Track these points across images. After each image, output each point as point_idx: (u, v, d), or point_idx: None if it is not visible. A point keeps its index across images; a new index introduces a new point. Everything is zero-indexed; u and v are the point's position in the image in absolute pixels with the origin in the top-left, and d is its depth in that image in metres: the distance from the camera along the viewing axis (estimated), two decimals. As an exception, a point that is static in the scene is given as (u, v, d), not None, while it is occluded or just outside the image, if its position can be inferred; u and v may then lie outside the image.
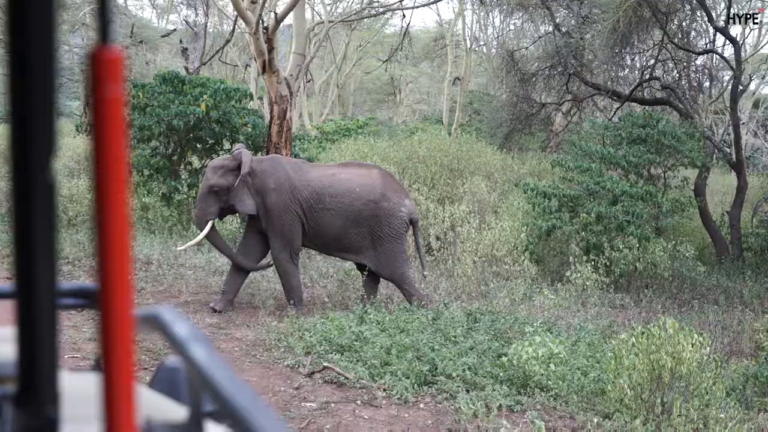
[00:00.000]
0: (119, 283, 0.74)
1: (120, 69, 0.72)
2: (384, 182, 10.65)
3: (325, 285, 11.91)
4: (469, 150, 18.98)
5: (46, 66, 0.75)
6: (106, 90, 0.72)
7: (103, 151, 0.72)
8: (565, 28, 20.60)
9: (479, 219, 14.31)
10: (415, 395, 7.45)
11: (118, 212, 0.73)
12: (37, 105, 0.76)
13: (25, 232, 0.82)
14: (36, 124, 0.77)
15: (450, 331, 9.06)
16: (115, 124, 0.72)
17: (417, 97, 48.61)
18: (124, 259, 0.74)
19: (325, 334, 8.83)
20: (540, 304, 10.77)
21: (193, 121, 15.87)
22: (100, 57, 0.71)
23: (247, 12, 15.35)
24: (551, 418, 6.97)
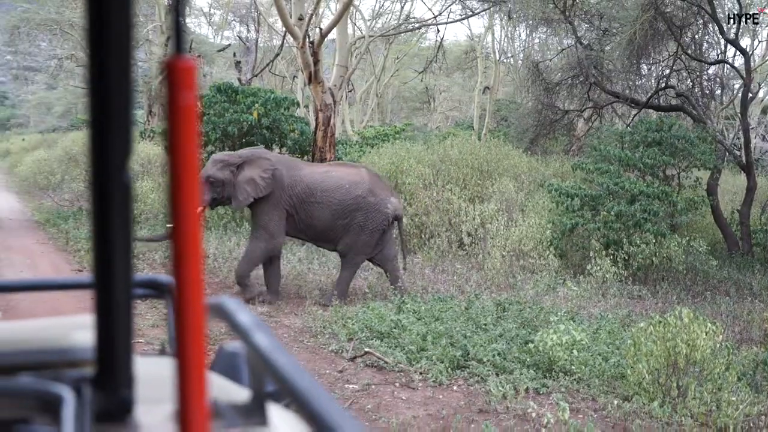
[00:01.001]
0: (193, 276, 0.74)
1: (193, 77, 0.73)
2: (371, 180, 10.66)
3: (366, 277, 11.91)
4: (497, 153, 18.90)
5: (123, 77, 0.76)
6: (180, 97, 0.72)
7: (178, 153, 0.72)
8: (587, 41, 20.44)
9: (507, 216, 14.26)
10: (449, 378, 7.45)
11: (191, 210, 0.73)
12: (115, 112, 0.77)
13: (104, 228, 0.83)
14: (114, 130, 0.78)
15: (481, 319, 9.05)
16: (188, 129, 0.72)
17: (449, 105, 48.50)
18: (196, 254, 0.74)
19: (366, 322, 8.85)
20: (563, 295, 10.71)
21: (245, 128, 15.98)
22: (174, 66, 0.72)
23: (295, 28, 15.42)
24: (575, 399, 6.94)
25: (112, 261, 0.85)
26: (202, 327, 0.76)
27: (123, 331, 0.91)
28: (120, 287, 0.87)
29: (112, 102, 0.77)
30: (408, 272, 12.20)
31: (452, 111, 48.48)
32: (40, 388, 0.95)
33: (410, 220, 15.07)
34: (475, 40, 38.51)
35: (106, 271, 0.86)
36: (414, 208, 15.46)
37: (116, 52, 0.76)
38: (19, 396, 0.96)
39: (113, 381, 0.94)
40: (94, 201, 0.82)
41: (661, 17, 15.85)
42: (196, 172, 0.73)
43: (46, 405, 0.95)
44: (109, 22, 0.74)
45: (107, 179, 0.80)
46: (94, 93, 0.77)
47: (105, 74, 0.76)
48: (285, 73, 36.32)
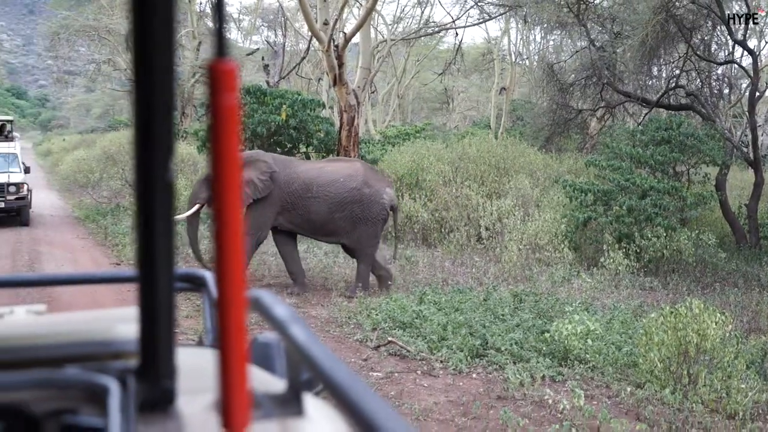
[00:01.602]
0: (235, 271, 0.74)
1: (235, 79, 0.72)
2: (365, 173, 10.62)
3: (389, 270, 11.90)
4: (513, 151, 18.86)
5: (166, 82, 0.75)
6: (223, 98, 0.71)
7: (220, 151, 0.72)
8: (599, 43, 20.32)
9: (523, 211, 14.22)
10: (469, 366, 7.43)
11: (233, 206, 0.73)
12: (158, 115, 0.77)
13: (148, 224, 0.83)
14: (157, 132, 0.78)
15: (498, 310, 9.03)
16: (231, 128, 0.72)
17: (467, 105, 48.38)
18: (238, 248, 0.74)
19: (389, 313, 8.85)
20: (578, 286, 10.65)
21: (273, 128, 16.01)
22: (217, 69, 0.71)
23: (321, 32, 15.43)
24: (589, 387, 6.91)
25: (155, 256, 0.86)
26: (243, 320, 0.76)
27: (165, 324, 0.92)
28: (163, 281, 0.88)
29: (156, 106, 0.77)
30: (429, 265, 12.21)
31: (470, 111, 48.34)
32: (87, 380, 0.96)
33: (430, 216, 15.06)
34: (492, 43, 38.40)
35: (149, 266, 0.86)
36: (434, 203, 15.45)
37: (159, 58, 0.76)
38: (66, 387, 0.96)
39: (156, 372, 0.95)
40: (138, 199, 0.82)
41: (672, 19, 15.72)
42: (238, 169, 0.73)
43: (92, 395, 0.95)
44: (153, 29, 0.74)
45: (151, 178, 0.80)
46: (138, 97, 0.77)
47: (149, 80, 0.76)
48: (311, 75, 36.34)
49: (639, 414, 6.31)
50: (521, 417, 6.04)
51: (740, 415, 6.20)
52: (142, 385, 0.95)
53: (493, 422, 6.05)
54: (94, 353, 1.06)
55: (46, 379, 0.96)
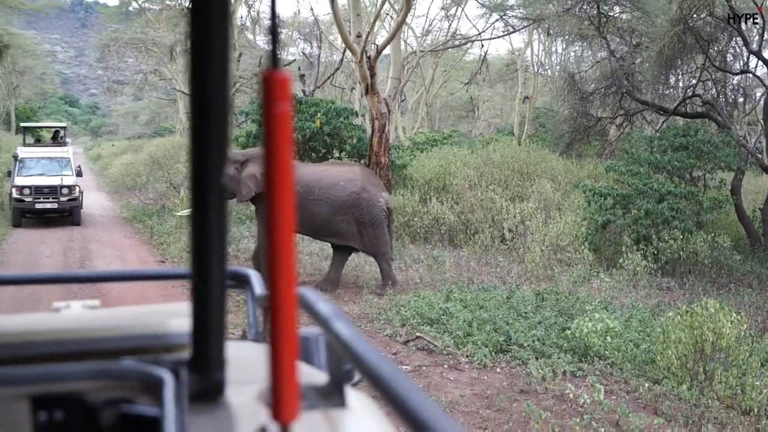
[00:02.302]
0: (286, 270, 0.74)
1: (288, 89, 0.72)
2: (364, 177, 10.58)
3: (417, 269, 11.89)
4: (536, 157, 18.75)
5: (221, 91, 0.76)
6: (276, 106, 0.71)
7: (274, 156, 0.72)
8: (619, 54, 20.17)
9: (545, 214, 14.13)
10: (493, 361, 7.40)
11: (286, 209, 0.73)
12: (214, 123, 0.78)
13: (202, 225, 0.84)
14: (213, 138, 0.78)
15: (521, 308, 8.98)
16: (284, 135, 0.72)
17: (492, 113, 48.23)
18: (289, 250, 0.73)
19: (417, 309, 8.83)
20: (597, 286, 10.55)
21: (309, 135, 16.06)
22: (271, 78, 0.71)
23: (354, 45, 15.46)
24: (608, 382, 6.84)
25: (208, 255, 0.86)
26: (294, 317, 0.75)
27: (217, 319, 0.92)
28: (215, 279, 0.88)
29: (211, 116, 0.77)
30: (455, 265, 12.17)
31: (494, 118, 48.19)
32: (143, 371, 0.96)
33: (457, 218, 15.02)
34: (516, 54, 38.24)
35: (202, 264, 0.87)
36: (460, 206, 15.40)
37: (215, 72, 0.76)
38: (123, 378, 0.97)
39: (207, 364, 0.95)
40: (193, 201, 0.82)
41: (689, 31, 15.54)
42: (290, 173, 0.73)
43: (148, 386, 0.95)
44: (209, 43, 0.74)
45: (206, 182, 0.81)
46: (195, 108, 0.77)
47: (205, 91, 0.76)
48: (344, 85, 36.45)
49: (657, 409, 6.24)
50: (543, 410, 5.99)
51: (755, 411, 6.11)
52: (193, 376, 0.96)
53: (516, 414, 6.01)
54: (147, 346, 1.06)
55: (103, 370, 0.96)
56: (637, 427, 5.59)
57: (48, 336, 1.04)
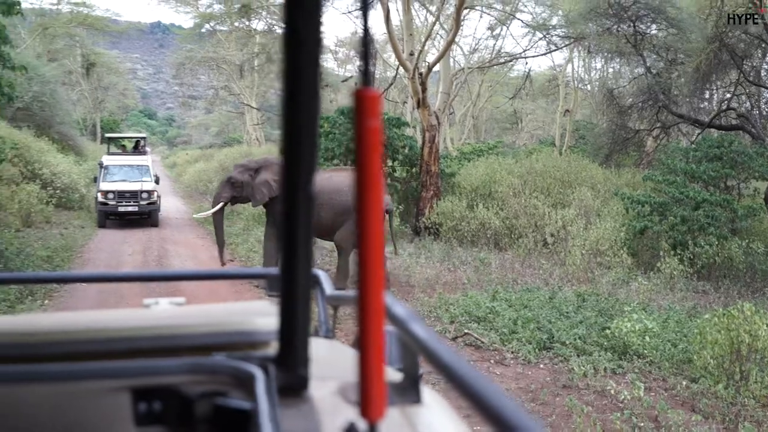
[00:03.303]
0: (375, 277, 0.72)
1: (378, 105, 0.71)
2: None
3: (465, 270, 11.81)
4: (576, 166, 18.48)
5: (311, 109, 0.76)
6: (368, 122, 0.70)
7: (365, 169, 0.71)
8: (655, 70, 19.84)
9: (585, 220, 13.93)
10: (537, 357, 7.29)
11: (375, 218, 0.71)
12: (305, 137, 0.78)
13: (291, 230, 0.84)
14: (303, 151, 0.78)
15: (563, 308, 8.85)
16: (374, 149, 0.70)
17: (534, 125, 47.77)
18: (378, 256, 0.72)
19: (465, 308, 8.77)
20: (635, 288, 10.34)
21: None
22: (363, 96, 0.70)
23: (407, 62, 15.46)
24: (647, 379, 6.69)
25: (296, 258, 0.86)
26: (382, 320, 0.74)
27: (302, 318, 0.92)
28: (301, 280, 0.88)
29: (303, 130, 0.77)
30: (500, 267, 12.06)
31: (537, 130, 47.70)
32: (235, 366, 0.97)
33: (501, 223, 14.89)
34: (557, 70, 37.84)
35: (291, 266, 0.87)
36: (505, 212, 15.27)
37: (306, 91, 0.76)
38: (216, 372, 0.97)
39: (293, 361, 0.96)
40: (284, 207, 0.82)
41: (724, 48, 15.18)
42: (380, 185, 0.71)
43: (239, 381, 0.96)
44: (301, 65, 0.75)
45: (296, 190, 0.81)
46: (287, 124, 0.77)
47: (297, 109, 0.76)
48: (397, 99, 36.48)
49: (694, 406, 6.07)
50: (585, 405, 5.88)
51: (790, 410, 5.91)
52: (280, 372, 0.96)
53: (559, 408, 5.91)
54: (235, 342, 1.07)
55: (198, 365, 0.97)
56: (675, 423, 5.45)
57: (144, 331, 1.06)
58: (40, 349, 1.00)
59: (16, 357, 0.99)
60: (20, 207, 15.23)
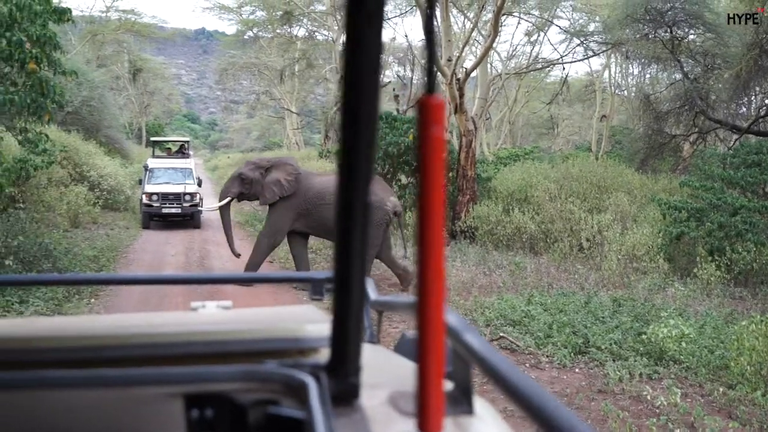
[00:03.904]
0: (436, 287, 0.71)
1: (442, 113, 0.70)
2: (372, 183, 10.35)
3: (500, 274, 11.72)
4: (612, 171, 18.23)
5: (371, 114, 0.75)
6: (432, 130, 0.69)
7: (428, 177, 0.69)
8: (693, 75, 19.51)
9: (622, 225, 13.74)
10: (572, 361, 7.21)
11: (437, 226, 0.70)
12: (362, 144, 0.76)
13: (346, 238, 0.82)
14: (360, 158, 0.77)
15: (599, 312, 8.73)
16: (437, 157, 0.69)
17: (570, 131, 47.31)
18: (439, 266, 0.71)
19: (500, 311, 8.70)
20: (672, 294, 10.17)
21: (402, 149, 16.06)
22: (426, 104, 0.69)
23: (445, 68, 15.42)
24: (683, 385, 6.56)
25: (351, 266, 0.84)
26: (442, 332, 0.72)
27: (355, 326, 0.90)
28: (355, 289, 0.86)
29: (361, 137, 0.76)
30: (535, 271, 11.95)
31: (573, 136, 47.23)
32: (287, 374, 0.95)
33: (537, 227, 14.76)
34: (594, 76, 37.47)
35: (345, 274, 0.85)
36: (541, 216, 15.13)
37: (365, 104, 0.75)
38: (268, 380, 0.96)
39: (345, 369, 0.94)
40: (339, 215, 0.81)
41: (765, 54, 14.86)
42: (442, 192, 0.70)
43: (291, 389, 0.95)
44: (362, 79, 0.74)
45: (352, 200, 0.80)
46: (346, 129, 0.76)
47: (356, 114, 0.75)
48: (435, 104, 36.40)
49: (731, 413, 5.94)
50: (620, 409, 5.79)
51: (830, 419, 5.75)
52: (332, 380, 0.94)
53: (594, 413, 5.83)
54: (285, 349, 1.05)
55: (250, 372, 0.96)
56: (712, 429, 5.34)
57: (195, 337, 1.05)
58: (95, 353, 0.99)
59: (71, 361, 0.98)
60: (68, 208, 15.51)
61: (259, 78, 42.78)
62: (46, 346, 1.00)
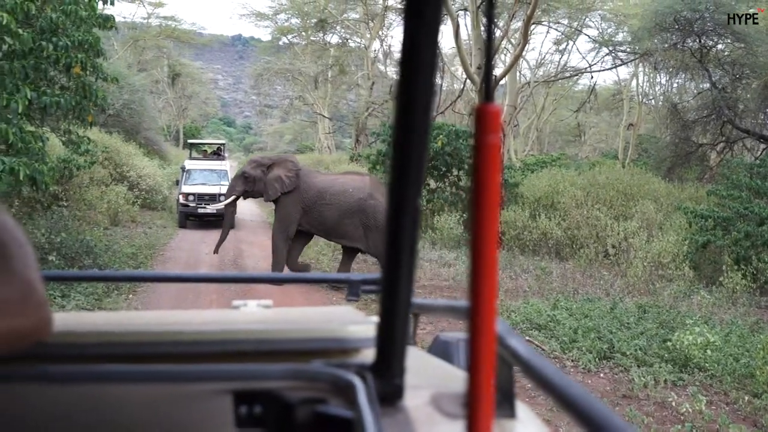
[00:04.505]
0: (488, 299, 0.70)
1: (498, 121, 0.68)
2: (372, 186, 10.48)
3: (526, 278, 11.63)
4: (639, 179, 18.04)
5: (424, 120, 0.74)
6: (488, 137, 0.68)
7: (484, 183, 0.68)
8: (721, 85, 19.23)
9: (647, 233, 13.58)
10: (597, 366, 7.13)
11: (492, 231, 0.69)
12: (414, 153, 0.76)
13: (396, 241, 0.82)
14: (412, 164, 0.77)
15: (624, 318, 8.62)
16: (493, 164, 0.68)
17: (597, 138, 46.89)
18: (492, 273, 0.70)
19: (526, 315, 8.64)
20: (697, 302, 10.01)
21: (431, 154, 16.06)
22: (484, 111, 0.68)
23: (474, 75, 15.37)
24: (708, 393, 6.45)
25: (400, 269, 0.84)
26: (493, 336, 0.71)
27: (401, 328, 0.90)
28: (403, 291, 0.86)
29: (413, 142, 0.75)
30: (561, 276, 11.85)
31: (599, 143, 46.81)
32: (334, 374, 0.96)
33: (563, 233, 14.65)
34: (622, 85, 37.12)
35: (394, 277, 0.85)
36: (567, 222, 15.01)
37: (419, 114, 0.74)
38: (315, 379, 0.97)
39: (390, 370, 0.94)
40: (389, 219, 0.81)
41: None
42: (498, 198, 0.69)
43: (338, 388, 0.95)
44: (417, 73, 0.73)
45: (403, 204, 0.79)
46: (398, 134, 0.76)
47: (409, 121, 0.75)
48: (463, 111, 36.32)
49: (756, 421, 5.83)
50: (645, 415, 5.72)
51: None
52: (377, 381, 0.94)
53: (619, 418, 5.75)
54: (328, 349, 1.06)
55: (298, 371, 0.97)
56: (737, 437, 5.25)
57: (241, 335, 1.06)
58: (146, 349, 1.01)
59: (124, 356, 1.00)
60: (109, 207, 15.72)
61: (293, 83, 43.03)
62: (99, 341, 1.01)
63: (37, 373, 0.93)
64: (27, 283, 0.81)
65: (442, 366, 1.20)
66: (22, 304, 0.79)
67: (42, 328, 0.83)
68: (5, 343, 0.79)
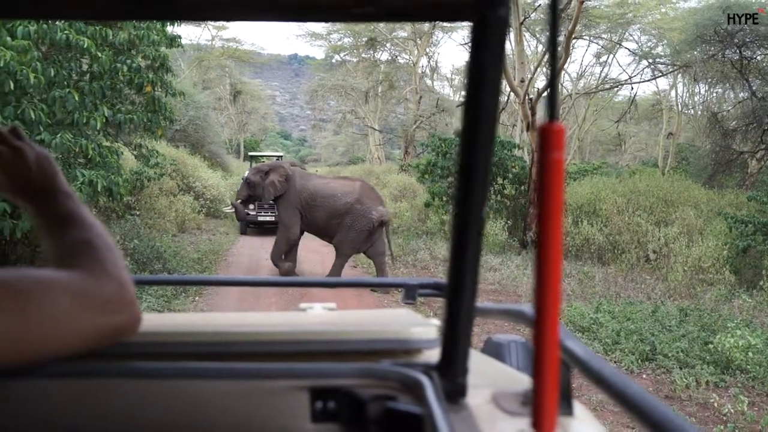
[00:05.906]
0: (552, 300, 0.71)
1: (563, 139, 0.69)
2: (361, 191, 10.57)
3: (569, 282, 11.47)
4: (679, 186, 17.63)
5: (488, 140, 0.76)
6: (553, 154, 0.68)
7: (549, 198, 0.69)
8: (761, 94, 18.67)
9: (688, 238, 13.26)
10: (639, 368, 6.99)
11: (557, 243, 0.70)
12: (479, 164, 0.77)
13: (461, 248, 0.83)
14: (477, 177, 0.78)
15: (666, 321, 8.43)
16: (557, 181, 0.69)
17: (637, 147, 45.96)
18: (556, 280, 0.70)
19: (569, 318, 8.52)
20: (738, 305, 9.72)
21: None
22: (549, 129, 0.68)
23: (518, 88, 15.28)
24: (750, 394, 6.26)
25: (465, 274, 0.85)
26: (557, 340, 0.72)
27: (465, 330, 0.91)
28: (467, 295, 0.87)
29: (478, 158, 0.77)
30: (603, 280, 11.65)
31: (640, 152, 45.85)
32: (403, 373, 0.97)
33: (605, 238, 14.40)
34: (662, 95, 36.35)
35: (459, 281, 0.86)
36: (608, 228, 14.76)
37: (485, 128, 0.76)
38: (386, 378, 0.98)
39: (454, 369, 0.95)
40: (455, 226, 0.82)
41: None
42: (561, 212, 0.70)
43: (406, 386, 0.96)
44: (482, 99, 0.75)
45: (469, 213, 0.80)
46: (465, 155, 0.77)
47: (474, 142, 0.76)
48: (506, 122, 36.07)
49: (799, 423, 5.63)
50: (687, 416, 5.58)
51: None
52: (443, 379, 0.96)
53: (661, 418, 5.62)
54: (394, 349, 1.07)
55: (369, 369, 0.99)
56: (779, 438, 5.08)
57: (314, 336, 1.08)
58: (225, 348, 1.04)
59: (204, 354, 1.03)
60: (176, 215, 16.05)
61: (345, 98, 43.32)
62: (182, 340, 1.04)
63: (126, 369, 0.97)
64: (121, 282, 0.84)
65: (496, 365, 1.21)
66: (118, 302, 0.82)
67: (133, 325, 0.87)
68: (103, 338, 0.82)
